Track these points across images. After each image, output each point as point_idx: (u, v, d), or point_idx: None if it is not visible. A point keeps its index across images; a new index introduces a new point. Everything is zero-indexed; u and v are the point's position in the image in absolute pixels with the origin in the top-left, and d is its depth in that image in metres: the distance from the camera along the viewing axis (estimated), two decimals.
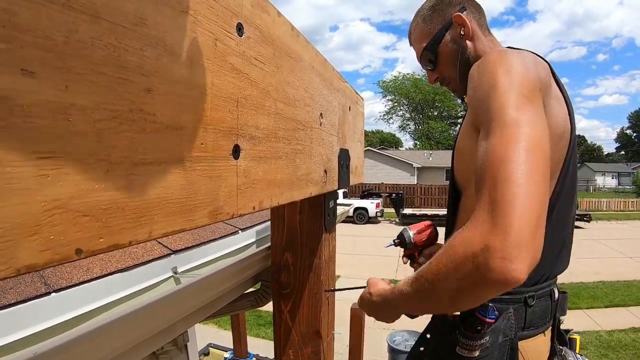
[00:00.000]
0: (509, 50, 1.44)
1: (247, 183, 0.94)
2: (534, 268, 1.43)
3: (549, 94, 1.40)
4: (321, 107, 1.50)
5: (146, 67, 0.62)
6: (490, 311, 1.43)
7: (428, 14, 1.81)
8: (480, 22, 1.79)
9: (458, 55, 1.75)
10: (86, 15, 0.52)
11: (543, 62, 1.49)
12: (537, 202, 1.07)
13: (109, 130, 0.56)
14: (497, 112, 1.22)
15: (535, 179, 1.09)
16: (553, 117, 1.40)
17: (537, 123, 1.19)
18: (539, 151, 1.13)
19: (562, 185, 1.47)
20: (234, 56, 0.89)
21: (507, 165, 1.10)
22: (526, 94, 1.24)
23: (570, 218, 1.64)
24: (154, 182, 0.64)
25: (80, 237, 0.52)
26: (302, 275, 1.90)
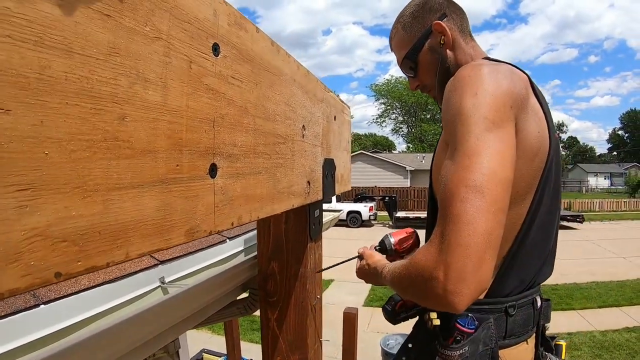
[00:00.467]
0: (483, 65, 1.43)
1: (224, 200, 0.96)
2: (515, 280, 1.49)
3: (524, 109, 1.40)
4: (303, 119, 1.51)
5: (119, 96, 0.64)
6: (470, 321, 1.45)
7: (408, 20, 1.81)
8: (462, 28, 1.78)
9: (438, 64, 1.75)
10: (58, 51, 0.54)
11: (521, 75, 1.49)
12: (482, 239, 1.14)
13: (84, 160, 0.58)
14: (459, 139, 1.28)
15: (484, 216, 1.16)
16: (528, 134, 1.40)
17: (499, 150, 1.24)
18: (493, 184, 1.19)
19: (540, 200, 1.48)
20: (210, 77, 0.90)
21: (456, 202, 1.19)
22: (491, 118, 1.27)
23: (554, 229, 1.66)
24: (130, 206, 0.66)
25: (59, 262, 0.55)
26: (288, 284, 1.92)
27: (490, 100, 1.29)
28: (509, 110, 1.32)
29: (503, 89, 1.34)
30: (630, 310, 11.23)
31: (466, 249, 1.14)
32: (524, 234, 1.47)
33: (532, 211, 1.47)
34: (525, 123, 1.39)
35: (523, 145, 1.38)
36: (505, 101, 1.32)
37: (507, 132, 1.29)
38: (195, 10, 0.85)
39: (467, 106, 1.30)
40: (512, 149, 1.28)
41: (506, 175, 1.23)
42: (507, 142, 1.27)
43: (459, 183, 1.21)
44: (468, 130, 1.27)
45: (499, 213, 1.18)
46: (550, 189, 1.52)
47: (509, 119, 1.31)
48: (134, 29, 0.68)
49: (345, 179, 2.34)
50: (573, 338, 9.43)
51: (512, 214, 1.44)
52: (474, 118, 1.27)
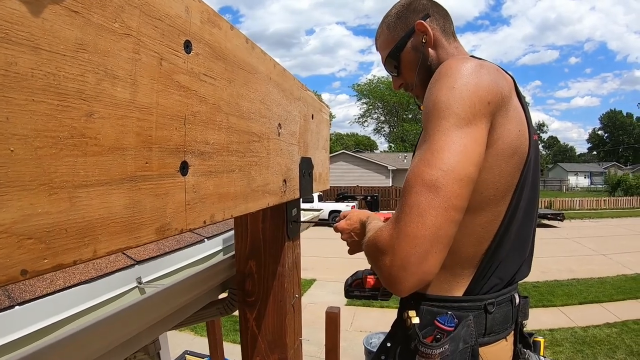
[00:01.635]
0: (467, 59, 1.45)
1: (196, 198, 0.96)
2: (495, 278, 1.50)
3: (505, 108, 1.41)
4: (279, 117, 1.51)
5: (87, 93, 0.63)
6: (449, 319, 1.44)
7: (392, 21, 1.83)
8: (445, 29, 1.79)
9: (419, 62, 1.77)
10: (25, 47, 0.53)
11: (505, 76, 1.50)
12: (430, 232, 1.20)
13: (50, 157, 0.57)
14: (429, 132, 1.31)
15: (435, 211, 1.21)
16: (507, 132, 1.41)
17: (464, 147, 1.26)
18: (451, 181, 1.22)
19: (519, 199, 1.48)
20: (181, 74, 0.90)
21: (412, 194, 1.25)
22: (463, 114, 1.28)
23: (532, 228, 1.67)
24: (97, 203, 0.65)
25: (25, 259, 0.54)
26: (266, 283, 1.92)
27: (467, 95, 1.31)
28: (485, 106, 1.33)
29: (483, 84, 1.35)
30: (611, 306, 11.36)
31: (413, 239, 1.21)
32: (503, 233, 1.47)
33: (511, 210, 1.47)
34: (505, 120, 1.40)
35: (502, 142, 1.39)
36: (483, 96, 1.33)
37: (478, 130, 1.30)
38: (166, 7, 0.85)
39: (442, 100, 1.32)
40: (479, 147, 1.30)
41: (467, 173, 1.25)
42: (475, 140, 1.29)
43: (418, 176, 1.25)
44: (438, 125, 1.29)
45: (451, 210, 1.22)
46: (528, 189, 1.53)
47: (484, 115, 1.32)
48: (103, 25, 0.67)
49: (323, 178, 2.34)
50: (555, 334, 9.52)
51: (492, 212, 1.45)
52: (445, 113, 1.29)
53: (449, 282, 1.51)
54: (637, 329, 9.71)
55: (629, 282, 13.60)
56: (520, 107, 1.50)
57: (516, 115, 1.46)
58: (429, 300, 1.51)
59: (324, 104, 2.35)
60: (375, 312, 11.12)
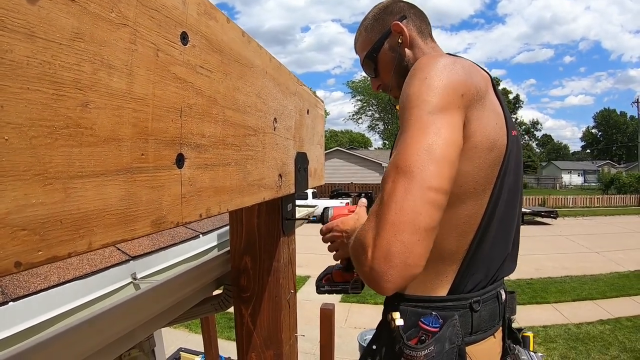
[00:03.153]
0: (439, 55, 1.47)
1: (192, 191, 0.95)
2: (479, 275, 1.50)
3: (481, 102, 1.42)
4: (275, 111, 1.51)
5: (83, 82, 0.62)
6: (434, 320, 1.43)
7: (370, 23, 1.87)
8: (422, 30, 1.82)
9: (395, 63, 1.80)
10: (21, 35, 0.53)
11: (481, 72, 1.53)
12: (409, 218, 1.17)
13: (45, 146, 0.56)
14: (403, 126, 1.31)
15: (411, 195, 1.19)
16: (484, 125, 1.42)
17: (438, 130, 1.26)
18: (425, 163, 1.21)
19: (499, 193, 1.48)
20: (178, 65, 0.89)
21: (388, 183, 1.24)
22: (435, 102, 1.29)
23: (514, 223, 1.67)
24: (92, 195, 0.65)
25: (18, 251, 0.53)
26: (261, 279, 1.91)
27: (439, 84, 1.31)
28: (458, 97, 1.33)
29: (456, 77, 1.35)
30: (604, 303, 11.42)
31: (392, 226, 1.17)
32: (485, 228, 1.48)
33: (491, 205, 1.47)
34: (481, 114, 1.41)
35: (480, 134, 1.40)
36: (456, 88, 1.33)
37: (452, 117, 1.30)
38: None
39: (414, 91, 1.33)
40: (455, 131, 1.29)
41: (443, 154, 1.23)
42: (449, 124, 1.28)
43: (393, 165, 1.26)
44: (411, 114, 1.30)
45: (429, 192, 1.19)
46: (510, 182, 1.53)
47: (457, 106, 1.32)
48: (99, 14, 0.66)
49: (318, 174, 2.34)
50: (548, 331, 9.57)
51: (473, 205, 1.46)
52: (417, 102, 1.30)
53: (433, 281, 1.51)
54: (630, 325, 9.76)
55: (622, 279, 13.67)
56: (497, 102, 1.52)
57: (493, 109, 1.47)
58: (412, 301, 1.51)
59: (319, 99, 2.34)
60: (369, 309, 11.14)
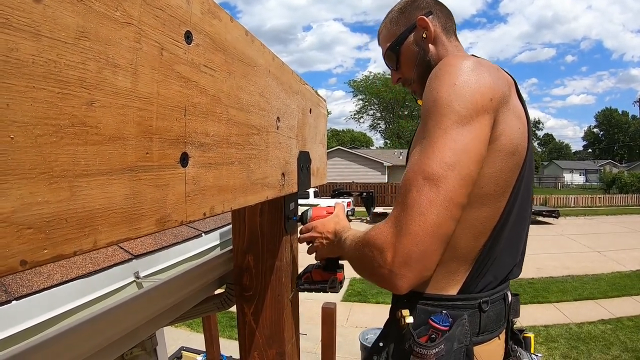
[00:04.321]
0: (468, 56, 1.46)
1: (196, 190, 0.95)
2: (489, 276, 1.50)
3: (506, 106, 1.40)
4: (278, 110, 1.51)
5: (88, 81, 0.62)
6: (444, 318, 1.43)
7: (396, 15, 1.85)
8: (446, 28, 1.80)
9: (417, 57, 1.78)
10: (26, 33, 0.53)
11: (505, 75, 1.50)
12: (431, 230, 1.23)
13: (51, 145, 0.56)
14: (429, 129, 1.32)
15: (436, 209, 1.23)
16: (509, 129, 1.41)
17: (465, 145, 1.27)
18: (452, 178, 1.25)
19: (515, 197, 1.48)
20: (182, 64, 0.89)
21: (413, 192, 1.27)
22: (464, 112, 1.29)
23: (526, 226, 1.67)
24: (98, 193, 0.65)
25: (24, 249, 0.53)
26: (264, 278, 1.91)
27: (468, 92, 1.31)
28: (488, 102, 1.32)
29: (484, 81, 1.34)
30: (606, 303, 11.42)
31: (415, 237, 1.23)
32: (500, 229, 1.46)
33: (508, 208, 1.46)
34: (507, 117, 1.40)
35: (504, 138, 1.39)
36: (485, 93, 1.32)
37: (480, 127, 1.30)
38: None
39: (443, 96, 1.31)
40: (481, 145, 1.30)
41: (468, 172, 1.27)
42: (477, 137, 1.29)
43: (418, 173, 1.27)
44: (439, 122, 1.30)
45: (452, 208, 1.25)
46: (524, 188, 1.52)
47: (486, 111, 1.32)
48: (105, 13, 0.66)
49: (321, 173, 2.34)
50: (550, 330, 9.57)
51: (491, 207, 1.45)
52: (447, 110, 1.29)
53: (444, 280, 1.50)
54: (631, 325, 9.76)
55: (624, 279, 13.67)
56: (520, 106, 1.51)
57: (516, 113, 1.46)
58: (423, 299, 1.50)
59: (322, 98, 2.34)
60: (370, 307, 11.16)
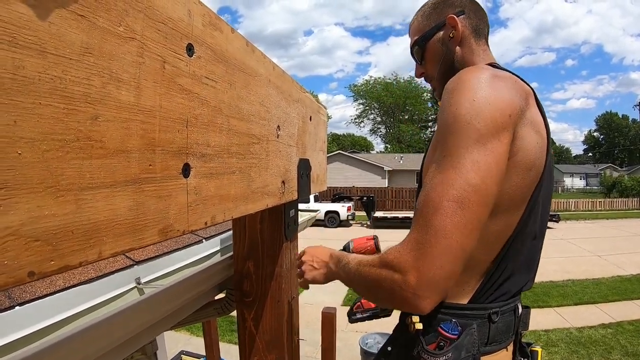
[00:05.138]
0: (486, 69, 1.43)
1: (197, 200, 0.97)
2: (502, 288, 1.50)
3: (523, 120, 1.39)
4: (278, 119, 1.52)
5: (92, 96, 0.64)
6: (453, 327, 1.43)
7: (428, 10, 1.83)
8: (477, 30, 1.77)
9: (442, 56, 1.77)
10: (32, 51, 0.54)
11: (524, 86, 1.47)
12: (457, 254, 1.23)
13: (57, 159, 0.58)
14: (449, 147, 1.31)
15: (462, 233, 1.23)
16: (527, 144, 1.39)
17: (487, 165, 1.27)
18: (476, 201, 1.25)
19: (531, 210, 1.47)
20: (184, 77, 0.91)
21: (438, 215, 1.25)
22: (484, 130, 1.28)
23: (542, 239, 1.65)
24: (102, 205, 0.66)
25: (32, 261, 0.55)
26: (264, 284, 1.92)
27: (487, 109, 1.30)
28: (507, 119, 1.32)
29: (503, 96, 1.34)
30: (606, 307, 11.38)
31: (440, 261, 1.22)
32: (513, 244, 1.46)
33: (523, 221, 1.46)
34: (524, 132, 1.39)
35: (521, 155, 1.38)
36: (504, 109, 1.32)
37: (501, 145, 1.30)
38: (169, 10, 0.85)
39: (462, 113, 1.30)
40: (501, 164, 1.30)
41: (490, 192, 1.27)
42: (499, 156, 1.29)
43: (443, 196, 1.25)
44: (459, 140, 1.29)
45: (475, 230, 1.25)
46: (543, 202, 1.52)
47: (506, 129, 1.32)
48: (108, 29, 0.68)
49: (321, 179, 2.34)
50: (550, 335, 9.55)
51: (505, 221, 1.44)
52: (467, 128, 1.28)
53: (455, 289, 1.49)
54: (632, 329, 9.74)
55: (624, 283, 13.64)
56: (539, 118, 1.48)
57: (534, 127, 1.44)
58: None
59: (322, 105, 2.35)
60: None
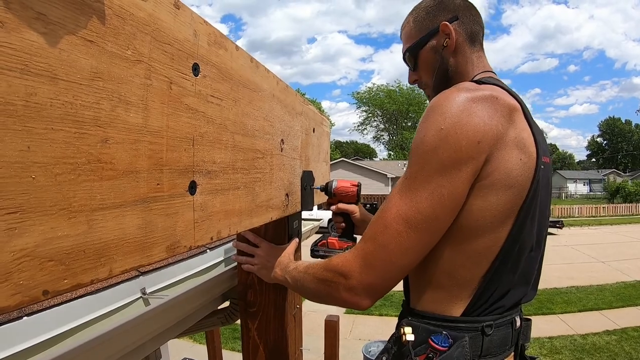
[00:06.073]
0: (461, 92, 1.39)
1: (204, 216, 0.99)
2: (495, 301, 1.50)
3: (502, 141, 1.37)
4: (282, 133, 1.54)
5: (102, 119, 0.66)
6: (444, 339, 1.44)
7: (421, 15, 1.77)
8: (472, 35, 1.72)
9: (437, 65, 1.73)
10: (44, 78, 0.56)
11: (508, 103, 1.43)
12: (393, 271, 1.36)
13: (69, 182, 0.60)
14: (412, 171, 1.36)
15: (406, 254, 1.34)
16: (501, 168, 1.37)
17: (443, 195, 1.31)
18: (425, 228, 1.33)
19: (521, 225, 1.44)
20: (190, 96, 0.93)
21: (387, 233, 1.34)
22: (447, 161, 1.30)
23: (540, 253, 1.64)
24: (113, 225, 0.68)
25: (46, 280, 0.57)
26: (267, 294, 1.94)
27: (453, 139, 1.30)
28: (474, 147, 1.32)
29: (474, 123, 1.33)
30: (610, 314, 11.33)
31: (381, 272, 1.36)
32: (503, 259, 1.45)
33: (512, 236, 1.44)
34: (502, 153, 1.37)
35: (497, 175, 1.37)
36: (471, 138, 1.31)
37: (460, 176, 1.32)
38: (175, 31, 0.88)
39: (428, 141, 1.33)
40: (457, 195, 1.33)
41: (440, 221, 1.34)
42: (456, 187, 1.32)
43: (394, 217, 1.33)
44: (421, 167, 1.33)
45: (417, 254, 1.36)
46: (534, 213, 1.49)
47: (471, 157, 1.32)
48: (116, 53, 0.70)
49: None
50: (554, 342, 9.50)
51: (489, 238, 1.43)
52: (431, 156, 1.31)
53: (447, 302, 1.50)
54: (636, 336, 9.69)
55: (628, 289, 13.58)
56: (526, 132, 1.46)
57: (518, 144, 1.41)
58: (426, 318, 1.51)
59: (325, 116, 2.37)
60: (374, 320, 11.12)
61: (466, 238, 1.41)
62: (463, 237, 1.39)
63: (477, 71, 1.70)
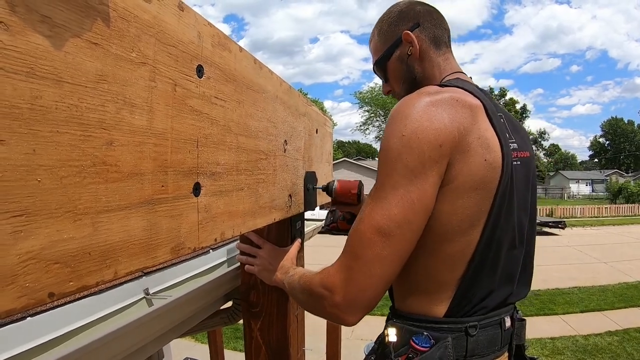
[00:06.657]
0: (421, 97, 1.40)
1: (208, 218, 0.99)
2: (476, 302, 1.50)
3: (464, 142, 1.37)
4: (285, 134, 1.54)
5: (107, 122, 0.66)
6: (425, 340, 1.45)
7: (384, 27, 1.80)
8: (436, 39, 1.74)
9: (404, 74, 1.75)
10: (49, 81, 0.56)
11: (470, 104, 1.44)
12: (374, 281, 1.34)
13: (75, 185, 0.60)
14: (380, 179, 1.38)
15: (383, 263, 1.32)
16: (465, 170, 1.38)
17: (413, 200, 1.32)
18: (399, 235, 1.32)
19: (494, 225, 1.44)
20: (194, 98, 0.93)
21: (363, 244, 1.34)
22: (412, 166, 1.31)
23: (522, 250, 1.63)
24: (118, 227, 0.69)
25: (52, 283, 0.57)
26: (270, 295, 1.94)
27: (415, 144, 1.31)
28: (436, 150, 1.32)
29: (434, 126, 1.34)
30: (612, 315, 11.28)
31: (363, 285, 1.33)
32: (480, 261, 1.46)
33: (486, 237, 1.45)
34: (465, 155, 1.38)
35: (462, 178, 1.38)
36: (433, 141, 1.32)
37: (428, 178, 1.33)
38: (180, 33, 0.88)
39: (393, 147, 1.34)
40: (428, 199, 1.34)
41: (414, 226, 1.33)
42: (424, 192, 1.32)
43: (368, 228, 1.33)
44: (389, 175, 1.34)
45: (398, 260, 1.34)
46: (510, 211, 1.50)
47: (435, 161, 1.33)
48: (121, 55, 0.70)
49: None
50: (556, 342, 9.47)
51: (461, 241, 1.44)
52: (396, 163, 1.33)
53: (430, 303, 1.52)
54: (638, 337, 9.65)
55: (631, 290, 13.53)
56: (490, 132, 1.45)
57: (482, 143, 1.41)
58: (409, 319, 1.53)
59: (327, 117, 2.37)
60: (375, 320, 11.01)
61: (438, 243, 1.43)
62: (435, 242, 1.41)
63: (445, 74, 1.72)
